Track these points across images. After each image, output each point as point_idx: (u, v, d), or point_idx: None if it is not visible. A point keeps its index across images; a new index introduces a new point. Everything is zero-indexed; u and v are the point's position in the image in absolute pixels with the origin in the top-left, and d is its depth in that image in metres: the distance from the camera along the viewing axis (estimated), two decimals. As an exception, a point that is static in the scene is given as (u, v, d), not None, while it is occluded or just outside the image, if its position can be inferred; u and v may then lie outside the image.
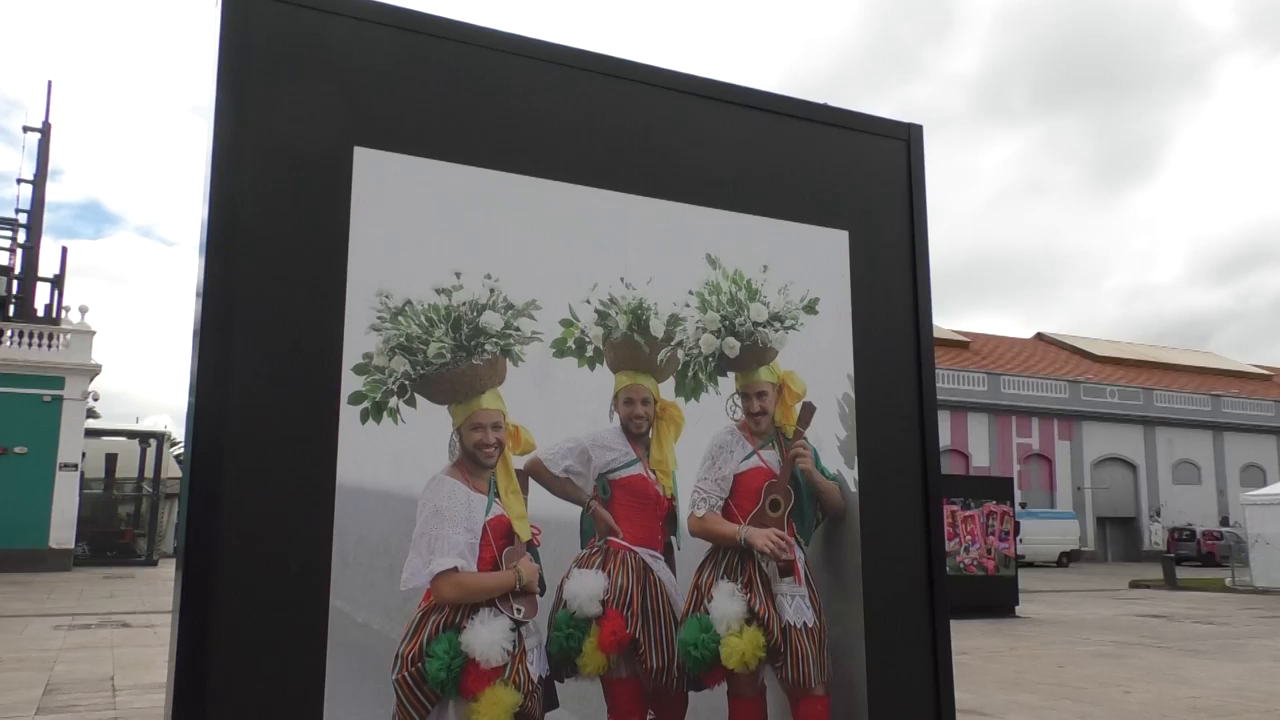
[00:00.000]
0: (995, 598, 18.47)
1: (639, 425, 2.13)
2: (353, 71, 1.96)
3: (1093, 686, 10.48)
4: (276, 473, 1.78)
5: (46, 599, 21.56)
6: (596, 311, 2.12)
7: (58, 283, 37.52)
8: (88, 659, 12.07)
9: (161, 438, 40.54)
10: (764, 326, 2.28)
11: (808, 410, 2.31)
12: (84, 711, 8.63)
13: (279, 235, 1.86)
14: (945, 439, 47.65)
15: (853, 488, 2.34)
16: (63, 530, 32.33)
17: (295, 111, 1.90)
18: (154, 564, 35.78)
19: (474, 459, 1.94)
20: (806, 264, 2.39)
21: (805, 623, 2.23)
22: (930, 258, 2.58)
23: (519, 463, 1.99)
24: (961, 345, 56.09)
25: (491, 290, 2.01)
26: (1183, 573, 33.35)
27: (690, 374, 2.20)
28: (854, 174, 2.53)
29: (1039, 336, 65.88)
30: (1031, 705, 9.24)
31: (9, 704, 8.96)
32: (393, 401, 1.88)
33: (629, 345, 2.14)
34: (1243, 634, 16.32)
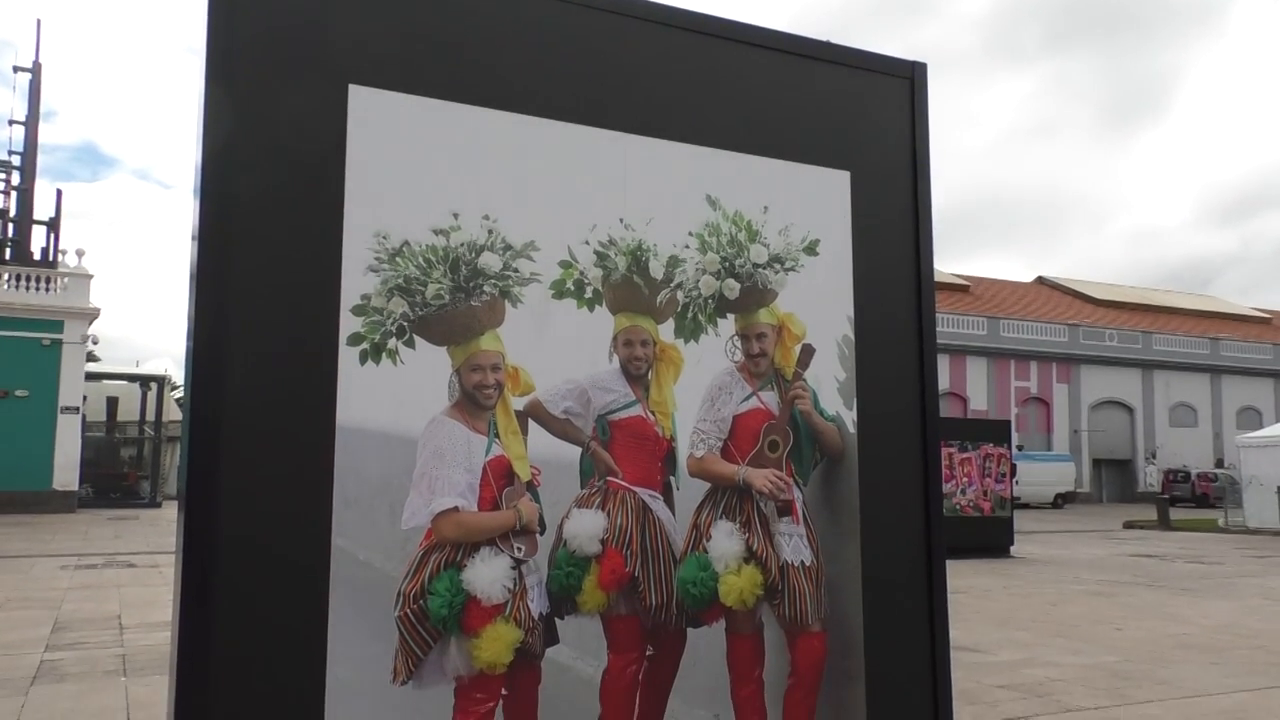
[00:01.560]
0: (990, 538, 18.69)
1: (638, 367, 2.13)
2: (348, 8, 1.93)
3: (1085, 624, 10.65)
4: (276, 414, 1.78)
5: (51, 540, 21.80)
6: (595, 253, 2.11)
7: (53, 226, 37.27)
8: (94, 598, 12.24)
9: (162, 381, 40.65)
10: (764, 268, 2.27)
11: (807, 352, 2.31)
12: (92, 648, 8.77)
13: (274, 177, 1.84)
14: (944, 382, 47.79)
15: (851, 429, 2.35)
16: (66, 472, 32.57)
17: (289, 51, 1.86)
18: (157, 506, 36.11)
19: (473, 400, 1.95)
20: (807, 205, 2.37)
21: (803, 561, 2.25)
22: (933, 199, 2.56)
23: (518, 404, 2.00)
24: (962, 289, 55.99)
25: (490, 231, 1.99)
26: (1176, 514, 33.69)
27: (690, 315, 2.19)
28: (856, 113, 2.50)
29: (1040, 280, 65.73)
30: (1024, 642, 9.40)
31: (18, 641, 9.11)
32: (391, 343, 1.88)
33: (628, 287, 2.13)
34: (1234, 573, 16.55)
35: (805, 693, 2.22)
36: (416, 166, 1.95)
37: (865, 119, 2.51)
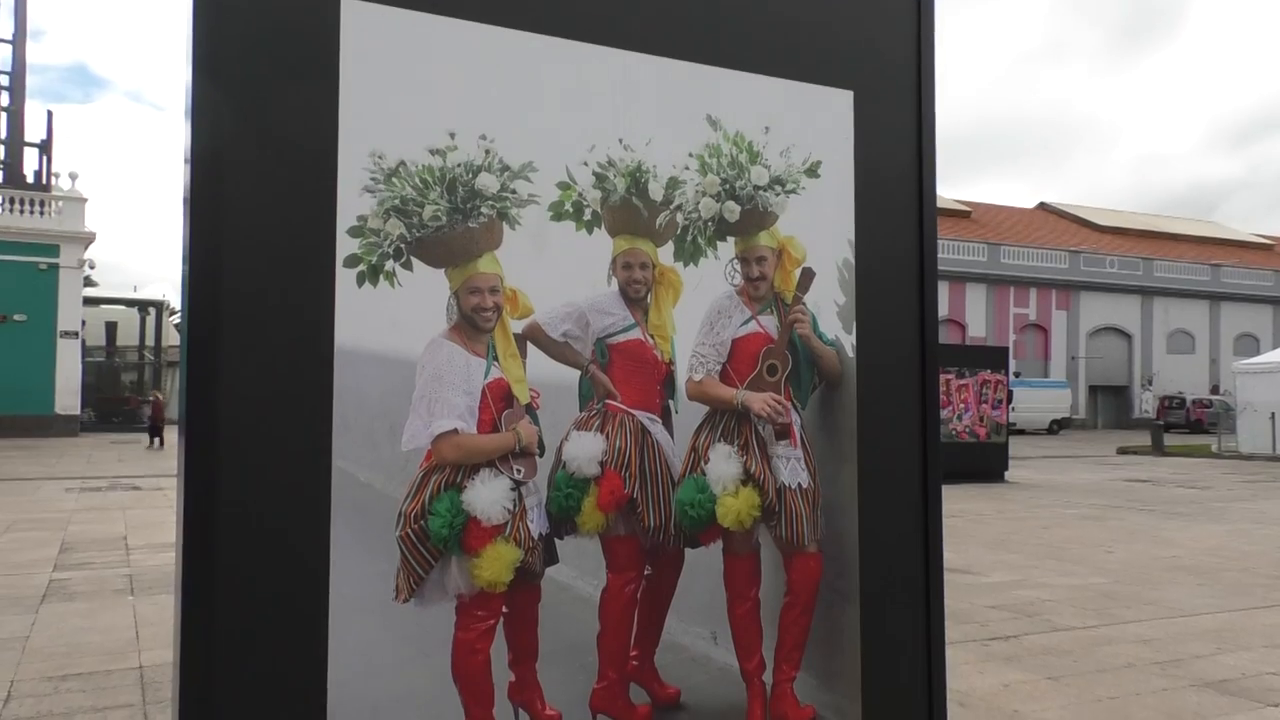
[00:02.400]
0: (985, 464, 18.90)
1: (637, 290, 2.12)
2: (337, -83, 1.86)
3: (1076, 547, 10.82)
4: (275, 338, 1.78)
5: (56, 463, 21.99)
6: (594, 174, 2.08)
7: (45, 148, 36.78)
8: (100, 520, 12.41)
9: (160, 306, 40.63)
10: (765, 190, 2.25)
11: (807, 276, 2.30)
12: (100, 569, 8.92)
13: (267, 94, 1.80)
14: (943, 309, 47.75)
15: (850, 353, 2.35)
16: (67, 397, 32.75)
17: (278, -40, 1.81)
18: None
19: (472, 323, 1.94)
20: (809, 126, 2.33)
21: (800, 484, 2.27)
22: (937, 122, 2.52)
23: (517, 327, 1.99)
24: (963, 215, 55.55)
25: (487, 151, 1.96)
26: (1171, 440, 33.98)
27: (689, 238, 2.17)
28: (861, 31, 2.44)
29: (1042, 206, 65.19)
30: (1016, 564, 9.57)
31: (27, 561, 9.26)
32: (389, 264, 1.86)
33: (627, 209, 2.11)
34: (1225, 498, 16.77)
35: (800, 611, 2.26)
36: (412, 85, 1.91)
37: (870, 37, 2.45)
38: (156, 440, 28.89)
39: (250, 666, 1.74)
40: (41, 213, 33.44)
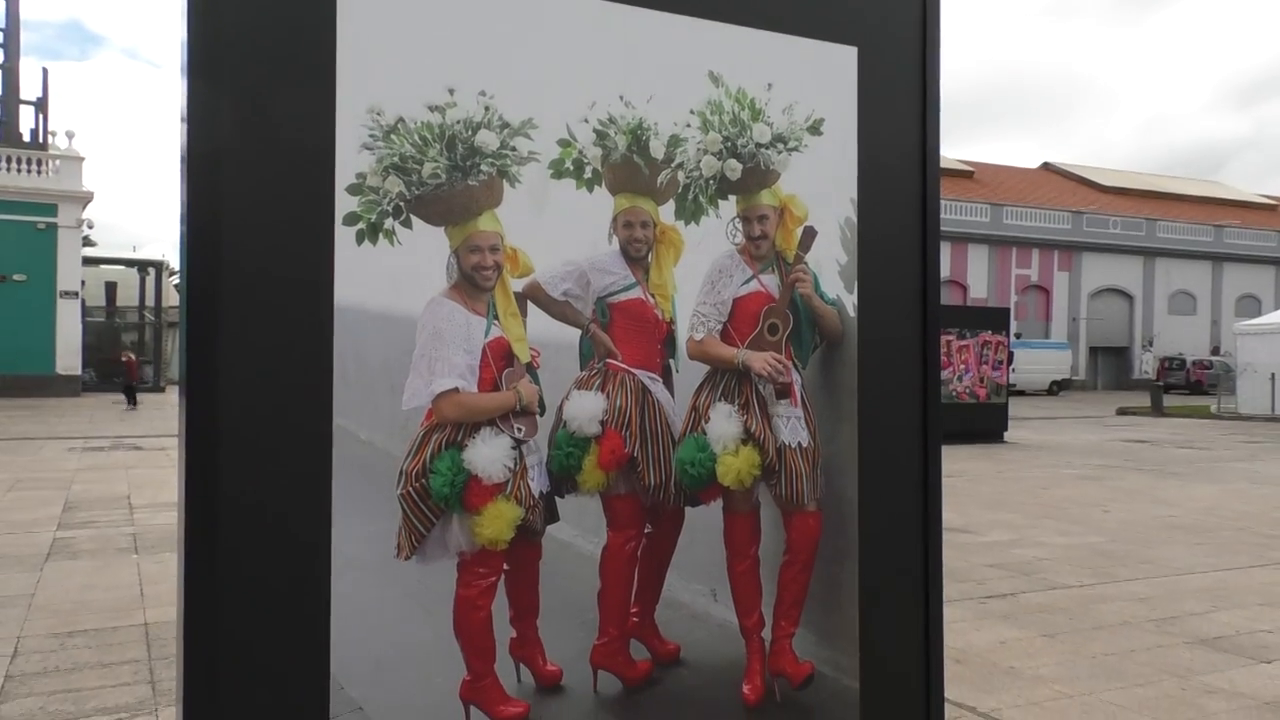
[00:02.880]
0: (985, 424, 18.95)
1: (638, 249, 2.11)
2: None
3: (1073, 506, 10.89)
4: (274, 296, 1.77)
5: (58, 423, 22.07)
6: (595, 131, 2.06)
7: (41, 106, 36.47)
8: (103, 479, 12.48)
9: (160, 266, 40.55)
10: (767, 148, 2.23)
11: (809, 234, 2.29)
12: (104, 527, 8.99)
13: (263, 50, 1.78)
14: (945, 270, 47.60)
15: (851, 313, 2.34)
16: (68, 357, 32.80)
17: (273, -89, 1.78)
18: (161, 390, 36.47)
19: (472, 281, 1.93)
20: (812, 82, 2.30)
21: (800, 443, 2.28)
22: (942, 80, 2.49)
23: (517, 285, 1.99)
24: (966, 175, 55.20)
25: (486, 108, 1.94)
26: (1170, 401, 34.05)
27: (691, 197, 2.16)
28: (865, -15, 2.40)
29: (1045, 166, 64.76)
30: (1014, 524, 9.63)
31: (31, 520, 9.33)
32: (388, 223, 1.85)
33: (628, 167, 2.09)
34: (1222, 458, 16.84)
35: (799, 569, 2.28)
36: (410, 40, 1.88)
37: (874, -8, 2.41)
38: (131, 402, 28.51)
39: (253, 623, 1.75)
40: (38, 171, 33.24)
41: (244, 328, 1.75)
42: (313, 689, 1.79)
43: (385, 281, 1.86)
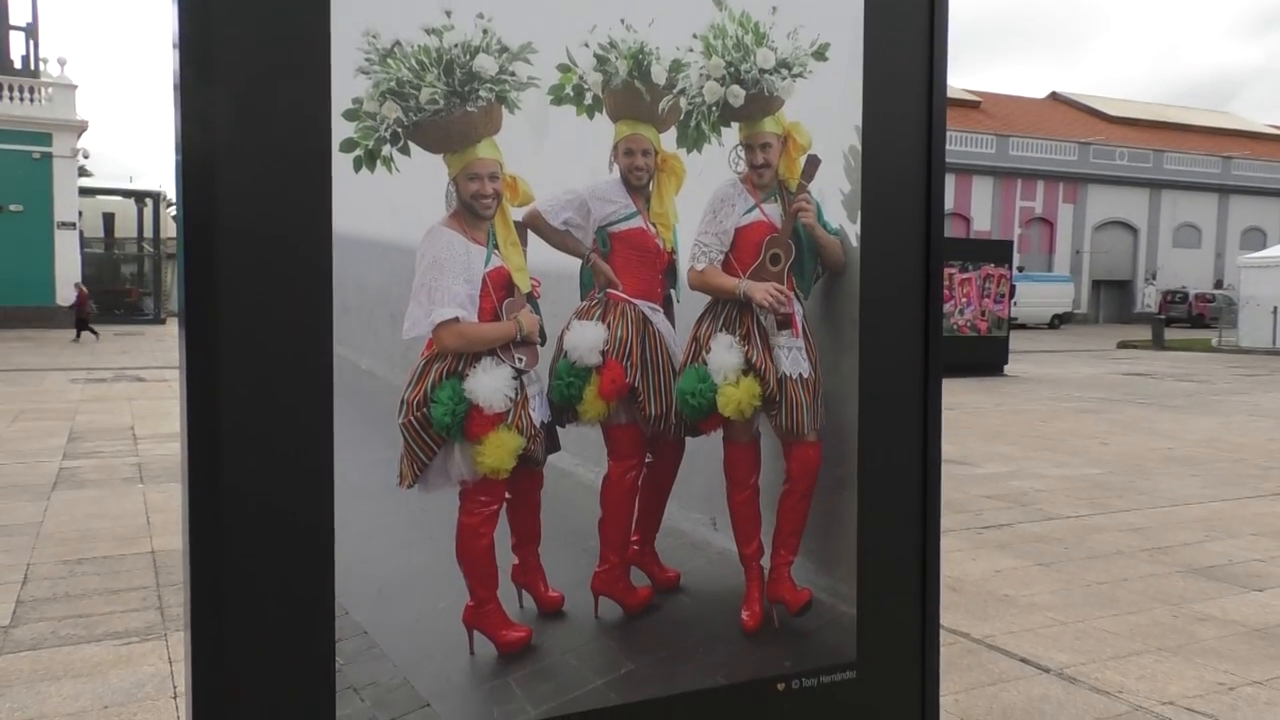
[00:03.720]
0: (985, 357, 18.97)
1: (639, 177, 2.09)
2: None
3: (1072, 439, 10.96)
4: (271, 224, 1.75)
5: (60, 354, 22.12)
6: (595, 56, 2.01)
7: (32, 33, 35.78)
8: (106, 410, 12.55)
9: (157, 197, 40.23)
10: (771, 74, 2.18)
11: (812, 163, 2.25)
12: (108, 457, 9.06)
13: (255, -31, 1.73)
14: (948, 203, 47.16)
15: (854, 243, 2.32)
16: (68, 289, 32.72)
17: None
18: (161, 322, 36.50)
19: (471, 210, 1.91)
20: (818, 6, 2.25)
21: (801, 374, 2.28)
22: (950, 4, 2.43)
23: (517, 214, 1.97)
24: (972, 105, 54.38)
25: (484, 31, 1.90)
26: (1172, 334, 34.06)
27: (693, 124, 2.12)
28: (873, -96, 2.33)
29: (1053, 96, 63.76)
30: (1012, 456, 9.70)
31: (35, 450, 9.40)
32: (386, 149, 1.83)
33: (629, 93, 2.05)
34: (1222, 391, 16.89)
35: (799, 498, 2.30)
36: (405, -40, 1.83)
37: (883, -89, 2.34)
38: (87, 333, 27.31)
39: (258, 551, 1.77)
40: (31, 99, 32.79)
41: (242, 257, 1.73)
42: (318, 614, 1.82)
43: (384, 209, 1.84)
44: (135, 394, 14.46)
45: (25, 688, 3.75)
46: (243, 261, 1.74)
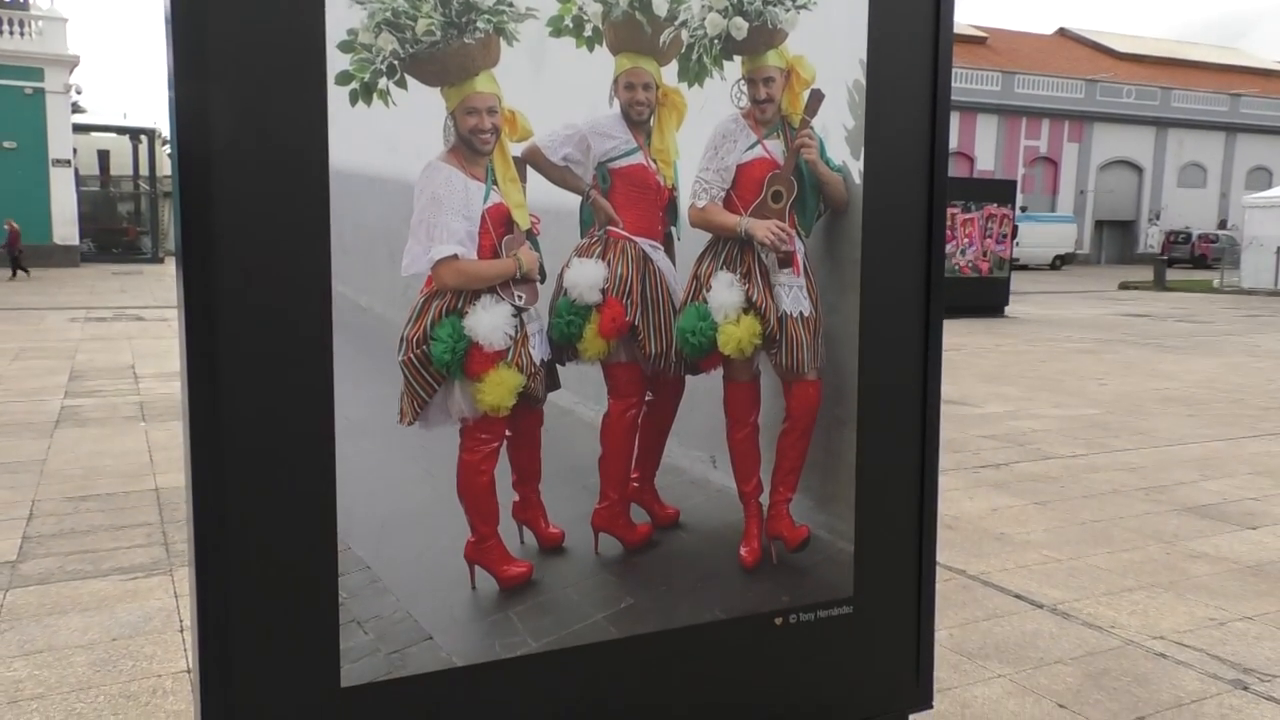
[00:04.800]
0: (986, 298, 18.93)
1: (640, 112, 2.05)
2: None
3: (1070, 379, 10.99)
4: (267, 159, 1.73)
5: (58, 293, 22.07)
6: (595, -14, 1.97)
7: (19, -36, 35.00)
8: (107, 349, 12.56)
9: (153, 134, 39.76)
10: (774, 5, 2.14)
11: (816, 98, 2.22)
12: (110, 395, 9.09)
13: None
14: (952, 142, 46.64)
15: (857, 180, 2.30)
16: (65, 227, 32.53)
17: None
18: (160, 261, 36.34)
19: (470, 145, 1.88)
20: (823, -65, 2.19)
21: (801, 312, 2.27)
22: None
23: (516, 150, 1.94)
24: (978, 41, 53.44)
25: (481, -40, 1.85)
26: (1174, 275, 33.95)
27: (694, 57, 2.08)
28: None
29: (1061, 32, 62.64)
30: (1010, 396, 9.73)
31: (37, 388, 9.43)
32: (382, 82, 1.79)
33: (630, 24, 2.01)
34: (1222, 332, 16.90)
35: (798, 436, 2.30)
36: (399, -115, 1.78)
37: None
38: (20, 273, 26.60)
39: (262, 489, 1.78)
40: (21, 33, 32.24)
41: (237, 192, 1.71)
42: (320, 549, 1.84)
43: (381, 143, 1.81)
44: (135, 333, 14.46)
45: (34, 621, 3.80)
46: (239, 197, 1.72)
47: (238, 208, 1.72)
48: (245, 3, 1.69)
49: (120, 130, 40.87)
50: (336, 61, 1.75)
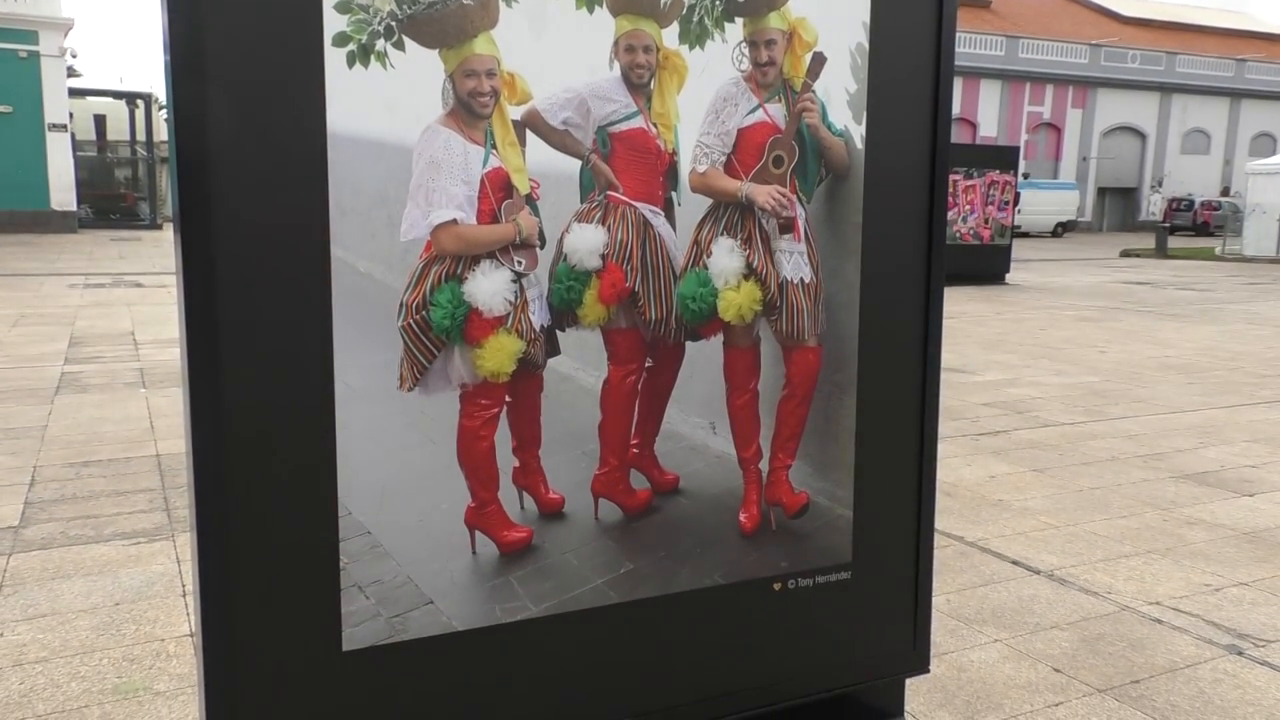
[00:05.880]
0: (987, 266, 18.89)
1: (640, 75, 2.03)
2: None
3: (1071, 347, 10.99)
4: (263, 123, 1.71)
5: (57, 259, 22.00)
6: (595, -54, 1.94)
7: (11, -76, 34.51)
8: (106, 315, 12.54)
9: (149, 99, 39.45)
10: (776, -34, 2.10)
11: (818, 61, 2.19)
12: (110, 362, 9.09)
13: None
14: (955, 107, 46.27)
15: (859, 145, 2.28)
16: (62, 192, 32.35)
17: None
18: (158, 227, 36.19)
19: (468, 108, 1.87)
20: (826, -106, 2.15)
21: (802, 279, 2.26)
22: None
23: (515, 113, 1.92)
24: (982, 4, 52.88)
25: (479, -81, 1.82)
26: (1176, 243, 33.85)
27: (696, 19, 2.06)
28: None
29: (1066, -6, 61.91)
30: (1010, 364, 9.74)
31: (37, 355, 9.43)
32: (380, 44, 1.77)
33: (630, -14, 1.98)
34: (1223, 299, 16.88)
35: (798, 403, 2.30)
36: None
37: None
38: None
39: (261, 454, 1.78)
40: (14, -4, 31.88)
41: (234, 156, 1.70)
42: (321, 514, 1.84)
43: (379, 106, 1.79)
44: (134, 299, 14.44)
45: (38, 585, 3.83)
46: (236, 161, 1.70)
47: (235, 172, 1.70)
48: (240, -37, 1.66)
49: (116, 95, 40.53)
50: (334, 22, 1.73)
